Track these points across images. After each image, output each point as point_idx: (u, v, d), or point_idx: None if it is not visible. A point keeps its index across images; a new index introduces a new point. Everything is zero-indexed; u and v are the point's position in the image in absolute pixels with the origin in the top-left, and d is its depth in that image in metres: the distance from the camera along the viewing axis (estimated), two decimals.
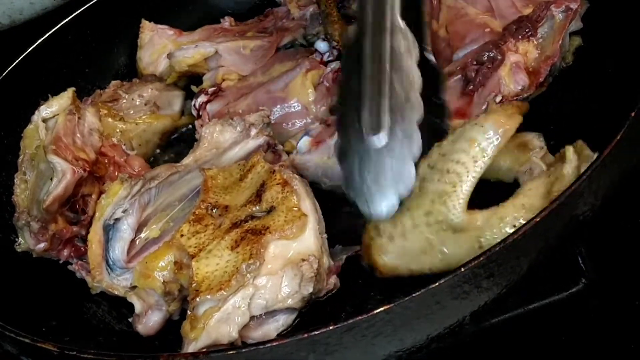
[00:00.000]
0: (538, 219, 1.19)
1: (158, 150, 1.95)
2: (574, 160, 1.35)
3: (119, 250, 1.52)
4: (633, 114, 1.30)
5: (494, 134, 1.33)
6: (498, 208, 1.34)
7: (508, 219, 1.32)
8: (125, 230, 1.53)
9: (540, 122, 1.65)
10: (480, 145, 1.34)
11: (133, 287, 1.50)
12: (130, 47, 2.11)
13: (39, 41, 1.99)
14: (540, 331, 1.43)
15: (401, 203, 1.34)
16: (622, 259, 1.50)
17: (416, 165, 1.34)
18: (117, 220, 1.53)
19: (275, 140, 1.72)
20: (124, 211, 1.53)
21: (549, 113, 1.67)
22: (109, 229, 1.53)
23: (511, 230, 1.30)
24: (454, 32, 1.79)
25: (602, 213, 1.36)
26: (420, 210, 1.36)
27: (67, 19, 2.04)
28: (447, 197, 1.34)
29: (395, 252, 1.39)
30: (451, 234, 1.34)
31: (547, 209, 1.20)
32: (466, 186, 1.33)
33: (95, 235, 1.52)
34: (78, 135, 1.68)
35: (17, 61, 1.90)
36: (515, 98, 1.60)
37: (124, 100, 1.91)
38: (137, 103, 1.92)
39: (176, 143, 1.99)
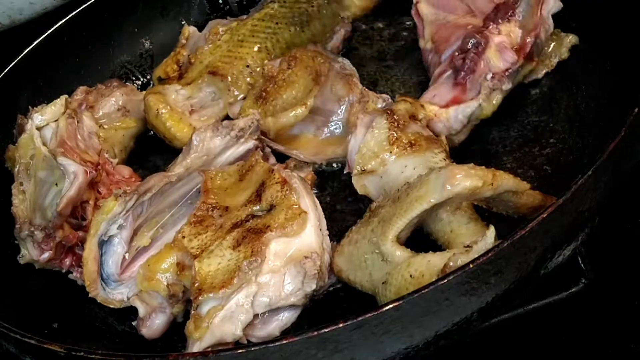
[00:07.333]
0: (545, 215, 1.18)
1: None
2: (489, 244, 1.26)
3: (112, 264, 1.50)
4: (637, 110, 1.31)
5: (442, 184, 1.29)
6: (416, 256, 1.31)
7: (412, 269, 1.29)
8: (119, 244, 1.51)
9: (540, 120, 1.67)
10: (428, 189, 1.31)
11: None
12: (127, 48, 2.10)
13: (35, 43, 1.97)
14: (540, 331, 1.44)
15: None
16: (622, 259, 1.51)
17: None
18: (111, 236, 1.51)
19: (263, 143, 1.72)
20: (119, 227, 1.50)
21: (548, 111, 1.68)
22: (103, 244, 1.51)
23: (408, 278, 1.29)
24: (439, 39, 1.79)
25: (602, 213, 1.37)
26: (371, 225, 1.38)
27: (62, 21, 2.03)
28: (386, 223, 1.34)
29: (345, 256, 1.40)
30: (380, 260, 1.34)
31: (553, 205, 1.19)
32: (400, 220, 1.32)
33: (91, 252, 1.49)
34: (80, 138, 1.67)
35: (13, 62, 1.88)
36: (505, 72, 1.62)
37: (103, 108, 1.85)
38: (113, 109, 1.86)
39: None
